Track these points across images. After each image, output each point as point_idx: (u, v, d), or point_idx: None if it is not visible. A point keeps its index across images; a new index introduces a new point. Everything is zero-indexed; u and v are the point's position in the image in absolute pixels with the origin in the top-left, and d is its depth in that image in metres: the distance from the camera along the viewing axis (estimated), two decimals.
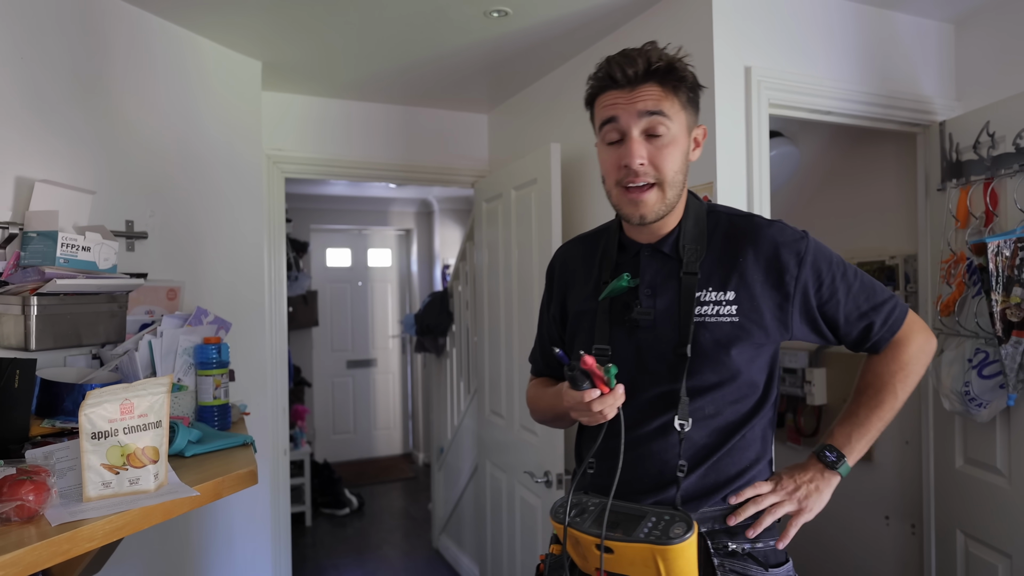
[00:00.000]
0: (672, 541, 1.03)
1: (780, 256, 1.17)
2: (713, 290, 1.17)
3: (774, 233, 1.19)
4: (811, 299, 1.19)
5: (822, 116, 2.22)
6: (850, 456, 1.21)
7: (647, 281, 1.22)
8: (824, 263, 1.19)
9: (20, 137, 1.83)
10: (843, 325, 1.22)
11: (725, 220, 1.24)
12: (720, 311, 1.16)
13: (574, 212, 2.67)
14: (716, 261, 1.19)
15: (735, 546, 1.14)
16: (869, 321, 1.22)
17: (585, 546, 1.11)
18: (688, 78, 1.15)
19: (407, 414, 6.54)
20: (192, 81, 2.41)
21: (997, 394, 2.00)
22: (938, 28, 2.38)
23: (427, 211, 6.39)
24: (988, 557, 2.13)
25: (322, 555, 4.32)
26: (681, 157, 1.16)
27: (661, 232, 1.23)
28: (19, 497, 1.06)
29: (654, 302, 1.20)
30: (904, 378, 1.24)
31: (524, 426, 2.73)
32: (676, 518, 1.07)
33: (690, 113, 1.18)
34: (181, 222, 2.34)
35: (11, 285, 1.66)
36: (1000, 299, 1.94)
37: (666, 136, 1.13)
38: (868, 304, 1.22)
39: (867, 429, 1.23)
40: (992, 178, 2.08)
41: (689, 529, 1.04)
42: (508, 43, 2.55)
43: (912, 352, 1.25)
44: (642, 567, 1.05)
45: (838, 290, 1.20)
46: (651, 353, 1.19)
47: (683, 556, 1.03)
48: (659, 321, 1.19)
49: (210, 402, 1.79)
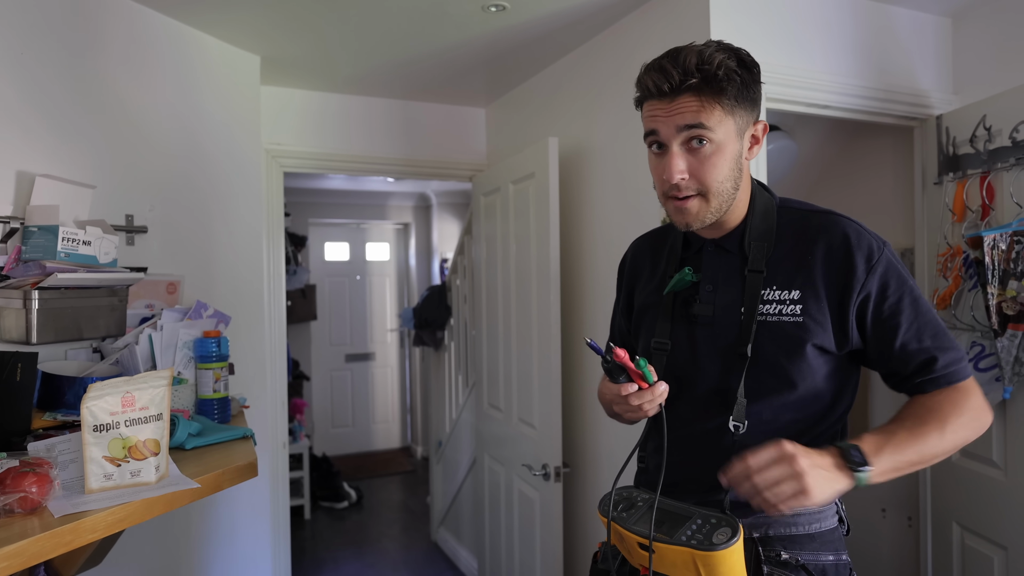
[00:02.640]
0: (714, 548, 0.98)
1: (852, 256, 1.10)
2: (778, 289, 1.12)
3: (850, 232, 1.12)
4: (869, 310, 1.10)
5: (819, 110, 2.23)
6: (875, 466, 1.01)
7: (708, 277, 1.19)
8: (894, 278, 1.10)
9: (21, 132, 1.83)
10: (898, 350, 1.10)
11: (798, 216, 1.18)
12: (783, 311, 1.11)
13: (572, 206, 2.68)
14: (784, 259, 1.14)
15: (787, 555, 1.10)
16: (932, 355, 1.09)
17: (629, 543, 1.09)
18: (732, 83, 1.06)
19: (405, 408, 6.55)
20: (191, 76, 2.41)
21: (993, 387, 2.02)
22: (935, 22, 2.39)
23: (425, 205, 6.39)
24: (984, 549, 2.15)
25: (321, 548, 4.34)
26: (728, 164, 1.10)
27: (725, 228, 1.19)
28: (23, 489, 1.07)
29: (714, 298, 1.17)
30: (958, 421, 1.07)
31: (522, 419, 2.75)
32: (722, 522, 1.02)
33: (741, 115, 1.10)
34: (181, 216, 2.35)
35: (12, 279, 1.67)
36: (996, 292, 1.95)
37: (708, 147, 1.08)
38: (933, 341, 1.10)
39: (901, 451, 1.04)
40: (988, 172, 2.09)
41: (734, 535, 0.98)
42: (506, 38, 2.55)
43: (974, 404, 1.09)
44: (683, 570, 1.01)
45: (903, 311, 1.09)
46: (710, 350, 1.17)
47: (725, 563, 0.98)
48: (719, 318, 1.16)
49: (210, 395, 1.80)
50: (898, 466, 1.04)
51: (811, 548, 1.12)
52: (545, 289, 2.53)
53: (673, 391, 1.15)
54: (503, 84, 3.13)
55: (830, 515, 1.18)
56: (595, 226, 2.56)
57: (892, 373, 1.15)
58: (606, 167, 2.48)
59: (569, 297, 2.69)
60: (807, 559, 1.11)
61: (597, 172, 2.54)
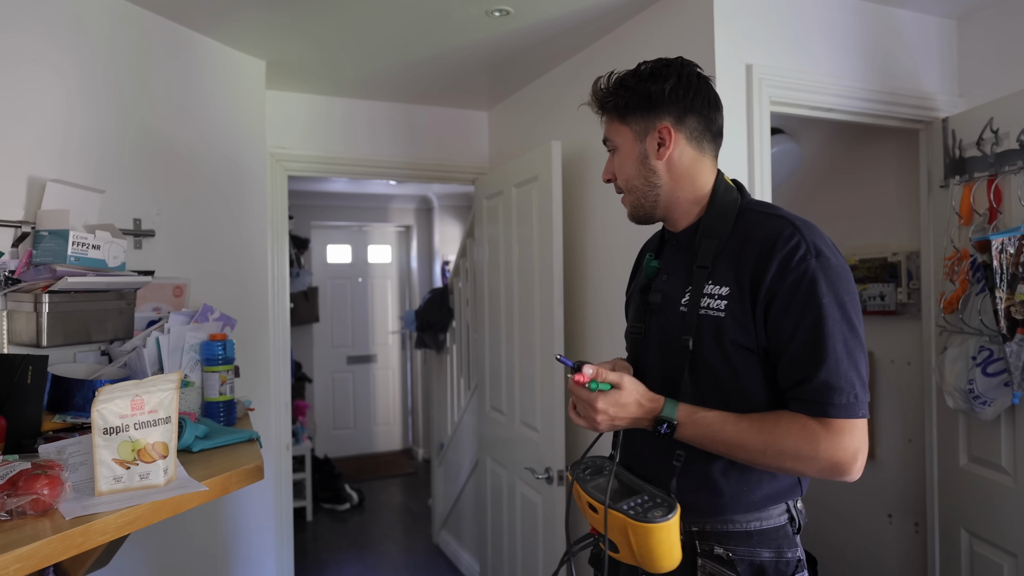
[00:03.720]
0: (643, 519, 1.10)
1: (772, 257, 1.10)
2: (714, 284, 1.17)
3: (783, 235, 1.11)
4: (771, 313, 1.10)
5: (824, 113, 2.23)
6: (680, 425, 1.12)
7: (665, 268, 1.31)
8: (809, 292, 1.06)
9: (32, 139, 1.84)
10: (785, 362, 1.10)
11: (755, 218, 1.20)
12: (711, 304, 1.16)
13: (575, 209, 2.68)
14: (726, 256, 1.18)
15: (721, 550, 1.16)
16: (808, 378, 1.06)
17: (582, 502, 1.23)
18: (619, 98, 1.25)
19: (407, 410, 6.55)
20: (197, 81, 2.42)
21: (1002, 392, 2.01)
22: (940, 24, 2.39)
23: (427, 208, 6.39)
24: (993, 556, 2.13)
25: (323, 550, 4.33)
26: (631, 164, 1.27)
27: (681, 225, 1.29)
28: (35, 491, 1.07)
29: (664, 287, 1.27)
30: (786, 449, 1.06)
31: (525, 422, 2.74)
32: (664, 503, 1.13)
33: (636, 123, 1.25)
34: (187, 220, 2.35)
35: (24, 283, 1.67)
36: (1005, 296, 1.95)
37: (616, 154, 1.30)
38: (820, 367, 1.05)
39: (714, 429, 1.11)
40: (996, 175, 2.09)
41: (668, 514, 1.10)
42: (509, 42, 2.55)
43: (827, 444, 1.05)
44: (619, 534, 1.14)
45: (801, 327, 1.07)
46: (659, 339, 1.26)
47: (653, 537, 1.09)
48: (665, 307, 1.25)
49: (216, 398, 1.80)
50: (704, 439, 1.13)
51: (747, 544, 1.16)
52: (548, 292, 2.53)
53: (639, 376, 1.25)
54: (506, 88, 3.13)
55: (776, 514, 1.18)
56: (598, 230, 2.56)
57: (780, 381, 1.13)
58: None
59: (572, 300, 2.68)
60: (742, 555, 1.15)
61: (600, 175, 2.54)
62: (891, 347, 2.64)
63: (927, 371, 2.41)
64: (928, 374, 2.40)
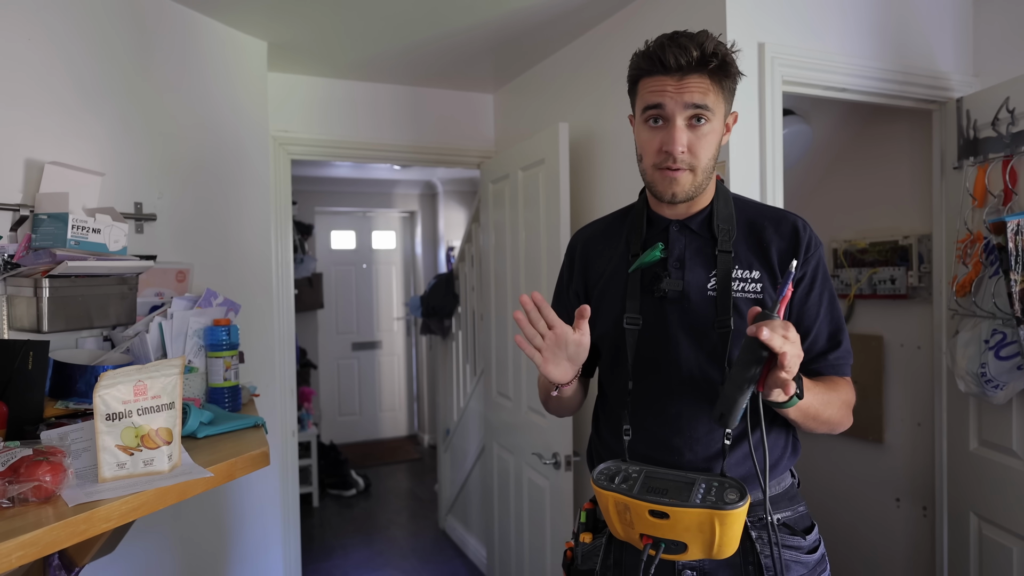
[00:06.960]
0: (729, 506, 1.06)
1: (799, 242, 1.23)
2: (740, 269, 1.21)
3: (799, 224, 1.25)
4: (798, 292, 1.23)
5: (836, 93, 2.18)
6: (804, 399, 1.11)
7: (675, 255, 1.25)
8: (822, 273, 1.25)
9: (30, 120, 1.81)
10: (813, 335, 1.23)
11: (750, 206, 1.30)
12: (745, 287, 1.20)
13: (582, 192, 2.64)
14: (742, 242, 1.24)
15: (770, 518, 1.17)
16: (833, 346, 1.25)
17: (636, 512, 1.11)
18: (736, 74, 1.19)
19: (412, 396, 6.55)
20: (199, 62, 2.38)
21: (1015, 375, 1.98)
22: (955, 3, 2.34)
23: (431, 193, 6.36)
24: (1003, 540, 2.12)
25: (329, 535, 4.35)
26: (715, 144, 1.20)
27: (691, 210, 1.26)
28: (37, 478, 1.05)
29: (682, 275, 1.23)
30: (846, 401, 1.24)
31: (532, 408, 2.73)
32: (727, 484, 1.10)
33: (729, 102, 1.21)
34: (189, 204, 2.32)
35: (23, 267, 1.65)
36: (1019, 279, 1.91)
37: (706, 126, 1.17)
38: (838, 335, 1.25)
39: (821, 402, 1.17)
40: (1012, 155, 2.05)
41: (743, 496, 1.07)
42: (515, 22, 2.51)
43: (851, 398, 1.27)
44: (697, 532, 1.08)
45: (823, 303, 1.24)
46: (684, 327, 1.22)
47: (740, 521, 1.07)
48: (690, 295, 1.22)
49: (220, 384, 1.78)
50: (810, 413, 1.15)
51: (784, 506, 1.24)
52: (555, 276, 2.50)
53: (646, 367, 1.23)
54: (512, 69, 3.09)
55: (787, 477, 1.28)
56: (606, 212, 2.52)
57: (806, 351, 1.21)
58: (618, 153, 2.44)
59: None
60: (786, 516, 1.23)
61: (608, 158, 2.51)
62: (901, 331, 2.62)
63: (938, 355, 2.38)
64: (939, 358, 2.37)
